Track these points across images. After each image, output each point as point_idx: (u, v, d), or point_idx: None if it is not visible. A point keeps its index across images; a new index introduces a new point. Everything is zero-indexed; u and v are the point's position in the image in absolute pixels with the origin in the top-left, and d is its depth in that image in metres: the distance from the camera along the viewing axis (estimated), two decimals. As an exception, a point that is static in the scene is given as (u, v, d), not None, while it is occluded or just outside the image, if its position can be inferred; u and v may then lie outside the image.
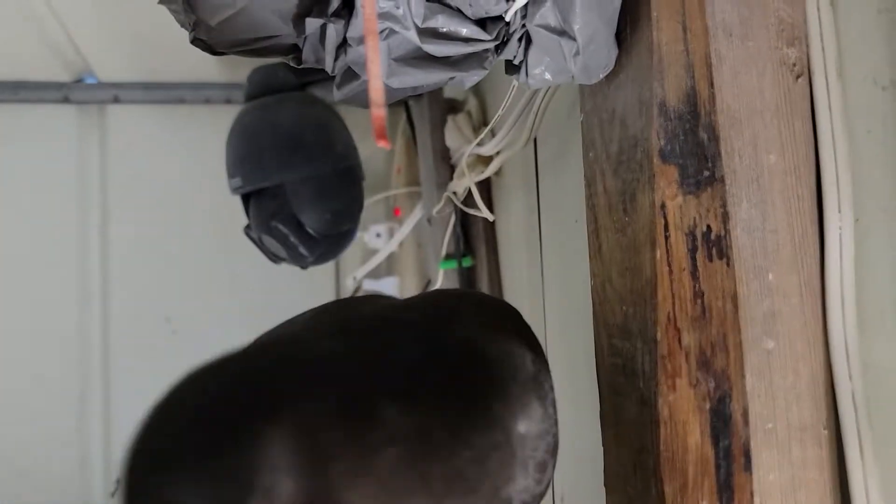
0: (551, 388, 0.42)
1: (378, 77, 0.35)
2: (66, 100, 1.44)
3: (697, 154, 0.40)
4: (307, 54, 0.47)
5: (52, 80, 1.42)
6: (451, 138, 1.03)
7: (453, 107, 1.10)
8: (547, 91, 0.73)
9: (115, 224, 1.46)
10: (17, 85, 1.42)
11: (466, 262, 1.05)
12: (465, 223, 1.06)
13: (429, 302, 0.51)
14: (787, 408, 0.39)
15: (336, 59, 0.45)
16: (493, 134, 0.90)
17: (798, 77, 0.39)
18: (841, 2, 0.39)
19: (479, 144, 0.89)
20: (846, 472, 0.39)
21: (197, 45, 0.49)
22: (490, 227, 1.03)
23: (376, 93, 0.34)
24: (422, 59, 0.44)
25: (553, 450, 0.41)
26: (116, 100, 1.45)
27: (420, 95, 1.07)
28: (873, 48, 0.38)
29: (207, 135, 1.39)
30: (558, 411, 0.42)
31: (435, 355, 0.38)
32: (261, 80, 1.07)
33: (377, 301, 0.53)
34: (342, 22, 0.43)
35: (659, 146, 0.42)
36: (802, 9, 0.39)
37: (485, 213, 0.83)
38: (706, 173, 0.39)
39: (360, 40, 0.42)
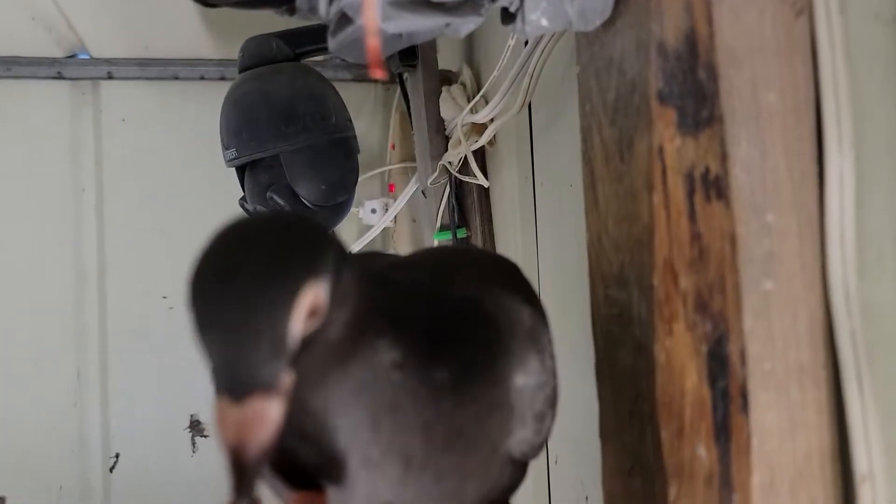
0: (549, 340, 0.41)
1: (373, 6, 0.34)
2: (59, 76, 1.41)
3: (696, 94, 0.39)
4: (300, 2, 0.46)
5: (43, 56, 1.40)
6: (446, 109, 1.02)
7: (447, 78, 1.08)
8: (542, 54, 0.72)
9: (110, 201, 1.44)
10: (9, 61, 1.40)
11: (461, 234, 1.05)
12: (459, 195, 1.05)
13: (429, 258, 0.51)
14: (786, 349, 0.38)
15: (330, 3, 0.44)
16: (486, 101, 0.89)
17: (799, 14, 0.38)
18: (843, -64, 0.38)
19: (472, 112, 0.88)
20: (845, 413, 0.39)
21: (192, -2, 0.48)
22: (484, 197, 1.02)
23: (371, 21, 0.33)
24: (417, 3, 0.43)
25: (551, 401, 0.41)
26: (110, 76, 1.43)
27: (414, 66, 1.06)
28: (874, -15, 0.37)
29: (202, 111, 1.37)
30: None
31: (436, 314, 0.37)
32: (254, 50, 1.05)
33: (378, 259, 0.53)
34: (335, -38, 0.41)
35: (657, 88, 0.41)
36: (803, -56, 0.38)
37: (480, 178, 0.82)
38: (705, 113, 0.39)
39: (354, -20, 0.40)
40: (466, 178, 0.91)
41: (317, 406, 0.32)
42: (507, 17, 0.46)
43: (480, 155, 0.99)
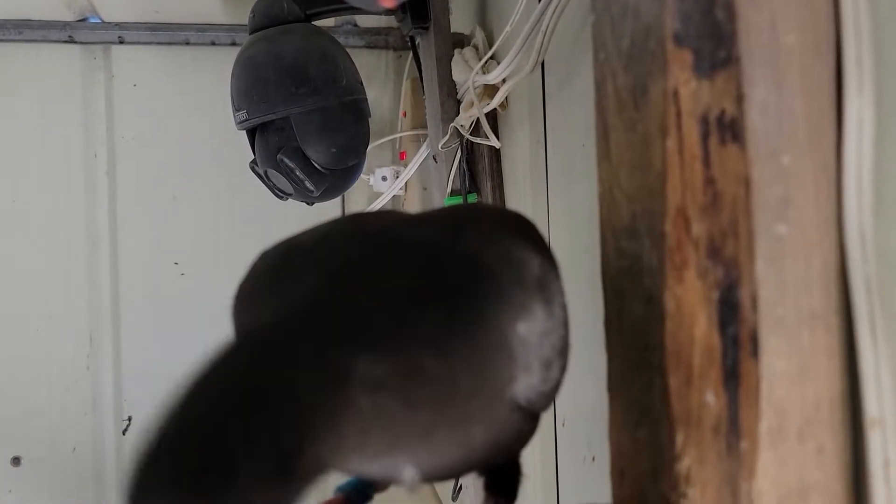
0: (560, 291, 0.41)
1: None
2: (70, 39, 1.41)
3: (713, 35, 0.38)
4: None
5: (54, 19, 1.39)
6: (458, 72, 1.01)
7: (460, 41, 1.07)
8: (555, 10, 0.71)
9: (122, 166, 1.45)
10: (20, 24, 1.39)
11: (472, 199, 1.04)
12: (470, 160, 1.04)
13: (442, 214, 0.50)
14: (798, 294, 0.38)
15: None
16: (498, 63, 0.88)
17: (821, -50, 0.37)
18: None
19: (484, 72, 0.87)
20: (856, 360, 0.39)
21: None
22: (496, 162, 1.01)
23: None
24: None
25: (560, 350, 0.41)
26: (121, 40, 1.43)
27: (426, 28, 1.05)
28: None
29: (213, 77, 1.37)
30: None
31: (431, 278, 0.37)
32: (265, 11, 1.05)
33: (389, 217, 0.52)
34: None
35: (673, 30, 0.40)
36: None
37: (492, 140, 0.82)
38: (722, 54, 0.38)
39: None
40: (478, 140, 0.91)
41: None
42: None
43: (492, 119, 0.99)
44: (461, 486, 1.11)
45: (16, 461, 1.39)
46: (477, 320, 0.36)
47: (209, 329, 1.34)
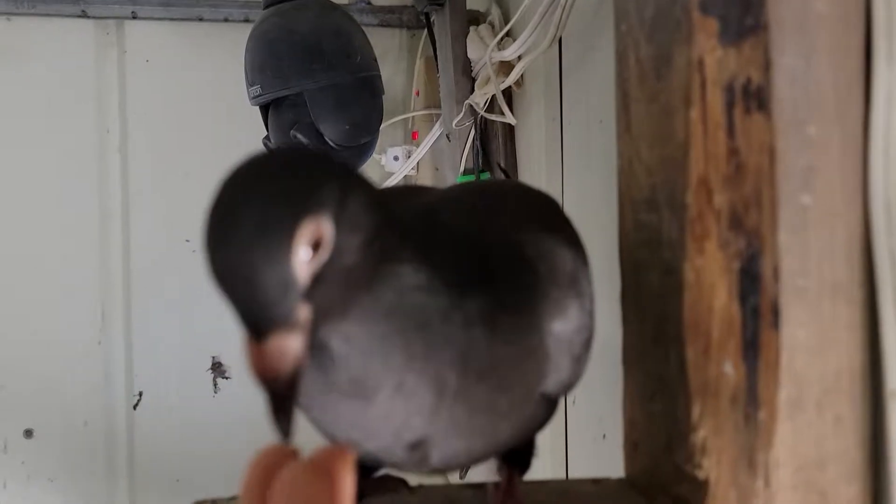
0: (589, 282, 0.41)
1: None
2: (83, 14, 1.41)
3: (741, 2, 0.38)
4: None
5: (68, -8, 1.39)
6: (473, 50, 1.00)
7: (475, 18, 1.07)
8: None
9: (135, 142, 1.45)
10: (33, -2, 1.39)
11: (484, 178, 1.04)
12: (483, 138, 1.04)
13: (469, 195, 0.49)
14: (821, 265, 0.38)
15: None
16: (512, 39, 0.87)
17: (852, -85, 0.36)
18: None
19: (500, 49, 0.87)
20: (878, 333, 0.38)
21: None
22: (510, 141, 1.01)
23: None
24: None
25: (588, 343, 0.41)
26: (134, 15, 1.43)
27: (441, 5, 1.04)
28: None
29: (226, 53, 1.37)
30: None
31: (468, 250, 0.37)
32: (279, -14, 1.04)
33: (420, 193, 0.51)
34: None
35: (699, -2, 0.40)
36: None
37: (508, 117, 0.82)
38: (749, 21, 0.37)
39: None
40: (493, 117, 0.90)
41: (347, 332, 0.31)
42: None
43: (507, 98, 0.98)
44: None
45: (28, 434, 1.40)
46: (522, 315, 0.37)
47: (220, 306, 1.34)
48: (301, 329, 0.28)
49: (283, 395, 0.28)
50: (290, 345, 0.27)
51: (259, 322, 0.27)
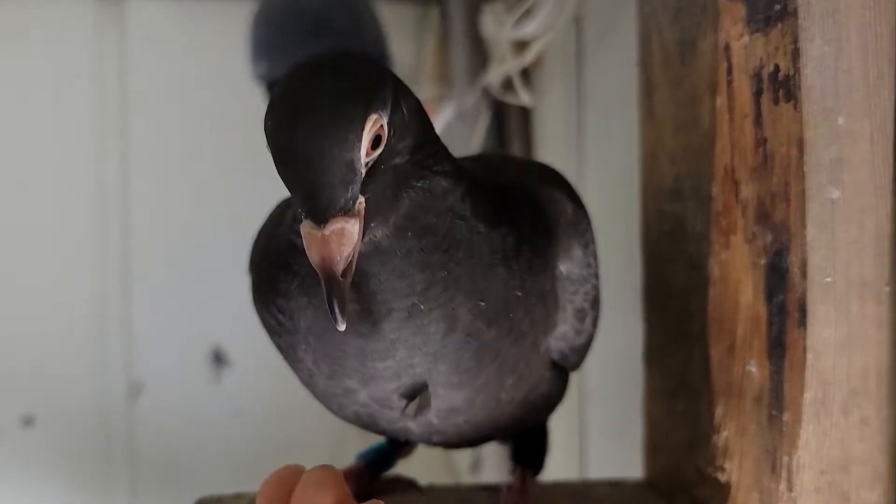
0: (593, 240, 0.42)
1: None
2: (82, -10, 1.42)
3: (769, -14, 0.38)
4: None
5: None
6: (488, 27, 1.00)
7: (489, -8, 1.06)
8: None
9: (135, 121, 1.46)
10: (32, -28, 1.40)
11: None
12: (497, 121, 1.04)
13: (479, 158, 0.51)
14: (849, 261, 0.38)
15: None
16: (529, 15, 0.87)
17: None
18: None
19: (516, 27, 0.87)
20: (907, 331, 0.39)
21: None
22: (525, 121, 1.01)
23: None
24: None
25: (593, 301, 0.41)
26: (134, -9, 1.44)
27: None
28: None
29: (230, 31, 1.37)
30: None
31: (493, 188, 0.38)
32: (286, -41, 1.04)
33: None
34: None
35: (727, -20, 0.40)
36: None
37: (523, 97, 0.82)
38: (777, 7, 0.38)
39: None
40: (508, 98, 0.91)
41: (380, 241, 0.33)
42: None
43: (522, 78, 0.98)
44: (478, 460, 1.14)
45: (28, 420, 1.43)
46: (540, 257, 0.38)
47: (221, 290, 1.36)
48: (357, 216, 0.30)
49: (338, 281, 0.30)
50: (350, 229, 0.30)
51: (321, 209, 0.29)
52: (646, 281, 0.52)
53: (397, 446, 0.50)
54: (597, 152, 0.81)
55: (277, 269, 0.38)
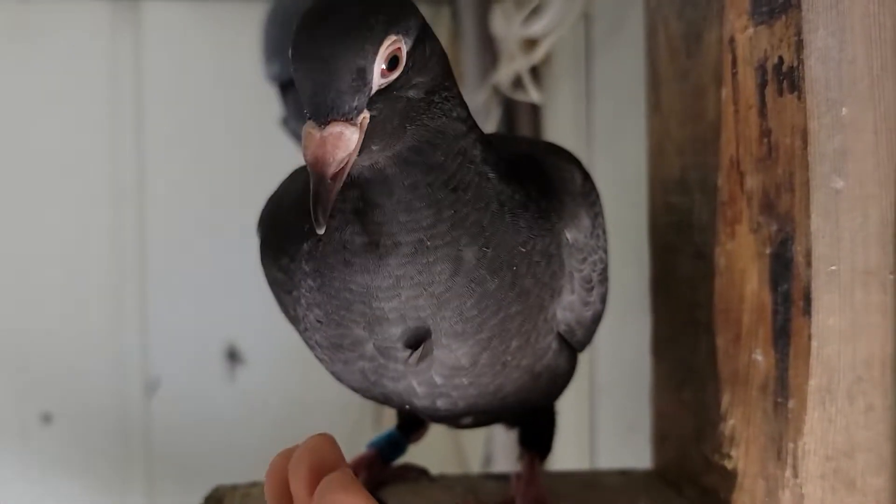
0: (601, 213, 0.42)
1: None
2: (97, -9, 1.44)
3: (773, -22, 0.39)
4: None
5: (82, -30, 1.42)
6: (498, 25, 1.01)
7: (499, -9, 1.07)
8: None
9: (150, 122, 1.47)
10: (48, -26, 1.42)
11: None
12: (508, 116, 1.05)
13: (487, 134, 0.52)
14: (853, 250, 0.38)
15: None
16: (536, 14, 0.88)
17: None
18: None
19: (526, 25, 0.87)
20: (912, 319, 0.39)
21: None
22: (535, 119, 1.02)
23: None
24: None
25: (601, 276, 0.41)
26: (149, -8, 1.45)
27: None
28: None
29: (243, 33, 1.38)
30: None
31: (514, 163, 0.39)
32: (297, -41, 1.05)
33: None
34: None
35: (731, -27, 0.40)
36: None
37: (533, 95, 0.82)
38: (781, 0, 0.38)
39: None
40: (518, 96, 0.91)
41: (387, 168, 0.34)
42: None
43: (532, 76, 0.99)
44: (490, 453, 1.14)
45: (47, 418, 1.45)
46: (546, 219, 0.38)
47: (235, 289, 1.37)
48: (358, 127, 0.31)
49: (327, 186, 0.30)
50: (348, 135, 0.30)
51: (325, 110, 0.30)
52: (653, 272, 0.53)
53: (408, 433, 0.50)
54: (605, 147, 0.81)
55: (287, 219, 0.39)
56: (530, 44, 0.89)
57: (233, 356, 1.49)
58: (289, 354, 1.42)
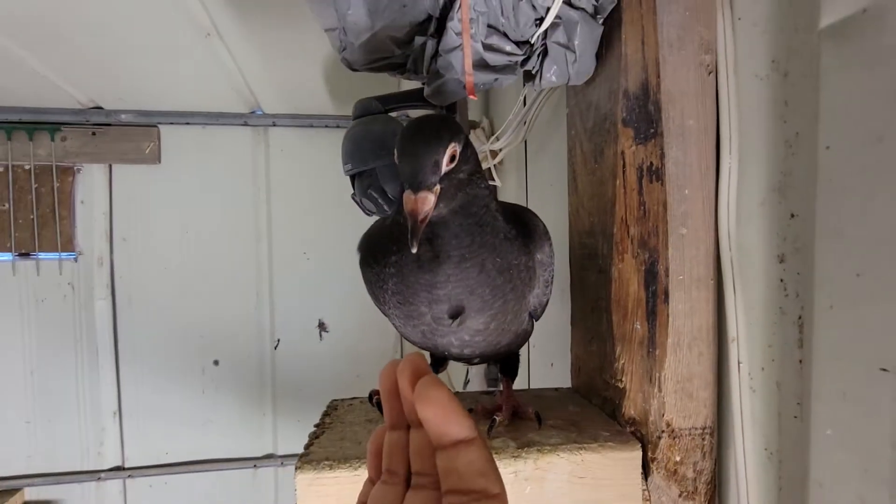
0: (552, 244, 0.42)
1: (469, 56, 0.33)
2: (244, 124, 1.41)
3: (646, 120, 0.39)
4: (409, 65, 0.45)
5: (236, 112, 1.39)
6: (476, 142, 1.01)
7: (474, 124, 1.07)
8: (534, 107, 0.71)
9: (276, 203, 1.45)
10: (217, 115, 1.39)
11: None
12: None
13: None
14: (692, 267, 0.38)
15: (429, 66, 0.43)
16: (497, 139, 0.87)
17: (710, 73, 0.37)
18: (738, 28, 0.37)
19: (491, 144, 0.87)
20: (723, 305, 0.39)
21: (343, 63, 0.47)
22: (495, 197, 1.01)
23: (468, 64, 0.33)
24: (481, 65, 0.42)
25: (552, 278, 0.41)
26: (274, 124, 1.43)
27: (455, 112, 1.04)
28: (754, 55, 0.36)
29: (328, 146, 1.37)
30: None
31: (508, 214, 0.38)
32: (361, 107, 1.04)
33: None
34: (435, 40, 0.41)
35: (622, 117, 0.40)
36: (714, 31, 0.37)
37: (496, 182, 0.82)
38: (651, 131, 0.38)
39: (449, 50, 0.40)
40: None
41: (447, 216, 0.33)
42: (528, 76, 0.45)
43: (495, 170, 0.98)
44: (469, 379, 1.12)
45: (216, 363, 1.39)
46: (526, 246, 0.38)
47: (325, 288, 1.35)
48: (434, 193, 0.31)
49: (418, 225, 0.30)
50: (429, 197, 0.31)
51: (419, 182, 0.31)
52: (572, 281, 0.52)
53: (436, 368, 0.48)
54: (537, 212, 0.80)
55: (379, 243, 0.38)
56: (494, 153, 0.89)
57: (322, 326, 1.45)
58: (354, 326, 1.42)
